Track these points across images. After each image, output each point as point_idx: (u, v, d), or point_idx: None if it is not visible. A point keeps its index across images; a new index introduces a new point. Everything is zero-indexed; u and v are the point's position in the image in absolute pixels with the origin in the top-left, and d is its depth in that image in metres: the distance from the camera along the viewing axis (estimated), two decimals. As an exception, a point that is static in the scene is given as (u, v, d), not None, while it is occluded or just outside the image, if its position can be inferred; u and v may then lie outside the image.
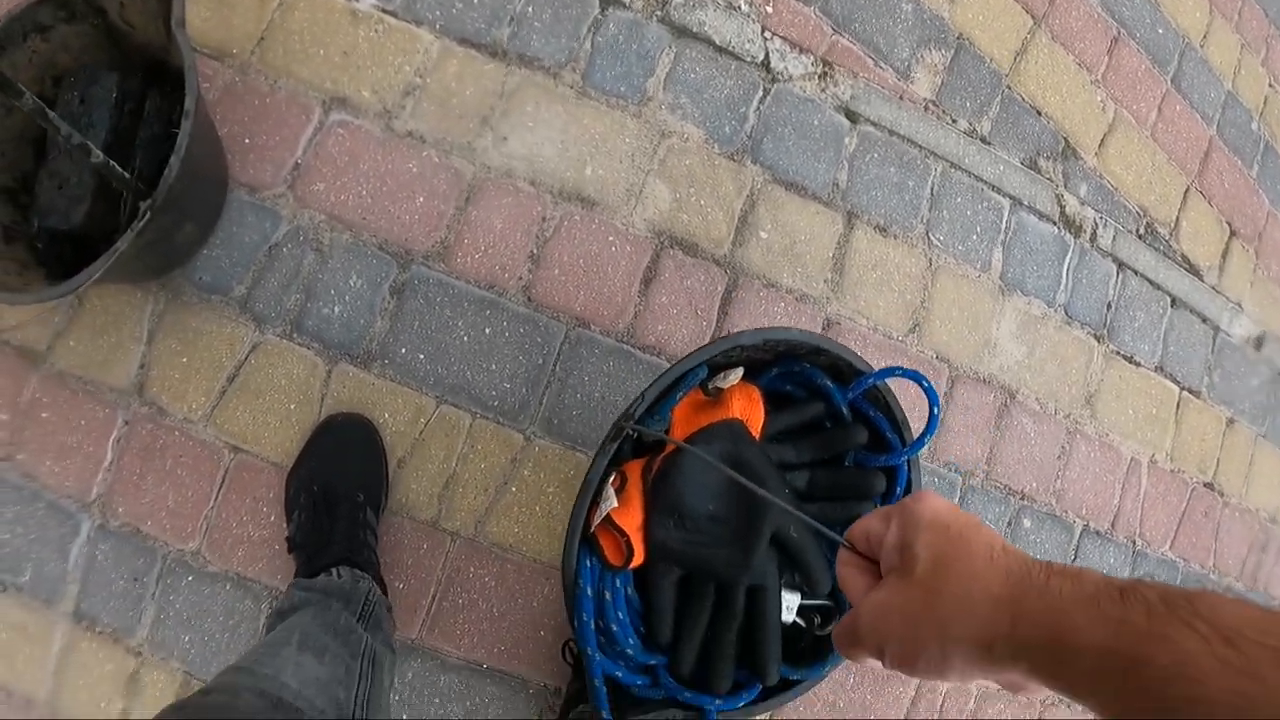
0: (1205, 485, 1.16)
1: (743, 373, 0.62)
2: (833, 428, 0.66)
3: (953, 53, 1.03)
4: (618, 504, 0.58)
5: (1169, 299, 1.13)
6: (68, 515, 0.83)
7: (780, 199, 0.94)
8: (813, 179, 0.95)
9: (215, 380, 0.84)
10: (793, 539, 0.61)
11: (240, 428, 0.84)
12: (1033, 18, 1.09)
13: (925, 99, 1.01)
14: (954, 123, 1.02)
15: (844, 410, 0.64)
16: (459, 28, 0.90)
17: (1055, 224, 1.05)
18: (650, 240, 0.90)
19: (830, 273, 0.95)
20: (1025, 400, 1.03)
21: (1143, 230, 1.12)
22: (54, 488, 0.83)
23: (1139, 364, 1.10)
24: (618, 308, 0.90)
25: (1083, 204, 1.07)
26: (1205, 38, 1.24)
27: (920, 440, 0.62)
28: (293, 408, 0.85)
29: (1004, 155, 1.03)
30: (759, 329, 0.61)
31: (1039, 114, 1.07)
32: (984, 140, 1.03)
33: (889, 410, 0.65)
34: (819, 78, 0.97)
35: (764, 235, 0.93)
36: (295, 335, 0.85)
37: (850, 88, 0.98)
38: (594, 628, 0.60)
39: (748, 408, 0.62)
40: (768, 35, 0.96)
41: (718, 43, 0.95)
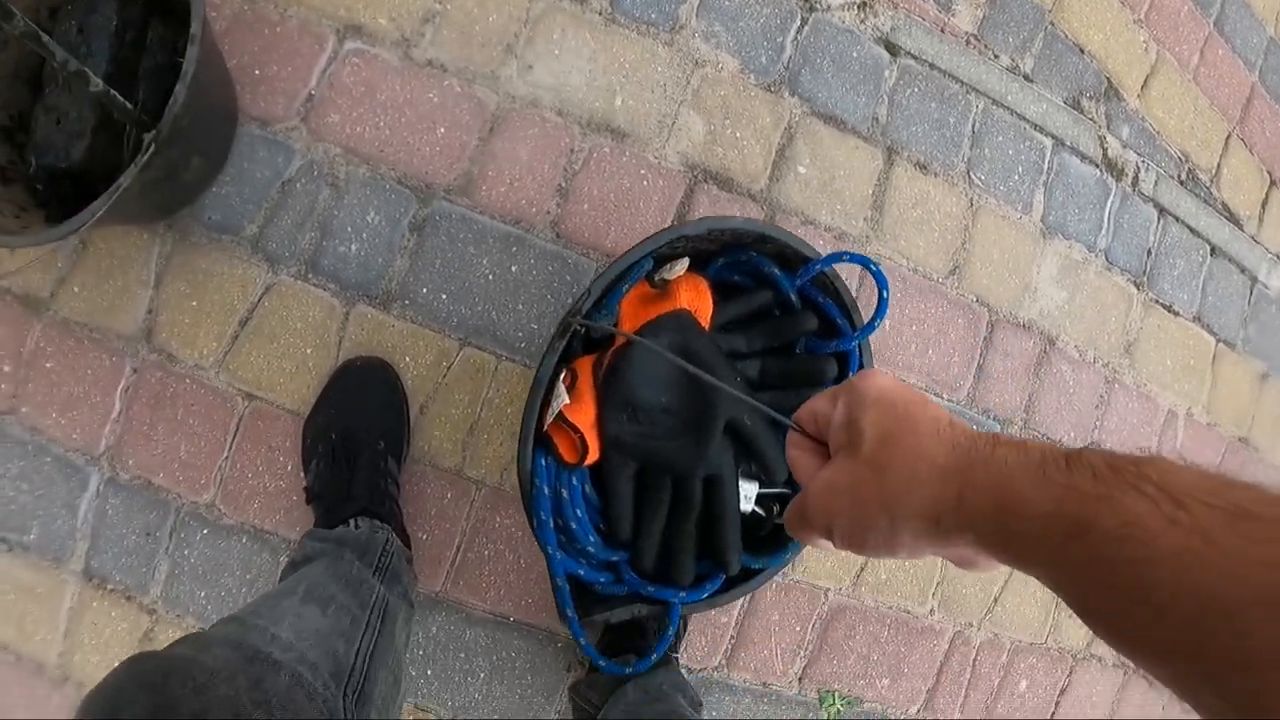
0: (1240, 440, 1.14)
1: (688, 263, 0.60)
2: (782, 315, 0.65)
3: (994, -15, 0.99)
4: (569, 401, 0.57)
5: (1208, 247, 1.10)
6: (75, 469, 0.80)
7: (819, 133, 0.90)
8: (852, 113, 0.91)
9: (227, 324, 0.80)
10: (747, 427, 0.60)
11: (254, 374, 0.81)
12: (1075, -48, 1.04)
13: (967, 33, 0.97)
14: (996, 58, 0.98)
15: (792, 297, 0.63)
16: (479, -50, 0.85)
17: (1097, 166, 1.01)
18: (683, 174, 0.86)
19: (870, 210, 0.92)
20: (1065, 347, 1.00)
21: (1184, 176, 1.08)
22: (60, 441, 0.80)
23: (1177, 313, 1.07)
24: (649, 246, 0.86)
25: (1125, 147, 1.04)
26: (1248, -21, 1.19)
27: (870, 324, 0.61)
28: (309, 352, 0.81)
29: (1046, 94, 0.99)
30: (703, 218, 0.60)
31: (1082, 52, 1.03)
32: (1026, 77, 0.99)
33: (838, 296, 0.63)
34: (858, 8, 0.92)
35: (802, 170, 0.90)
36: (310, 276, 0.81)
37: (890, 19, 0.93)
38: (553, 527, 0.60)
39: (695, 298, 0.61)
40: (803, -37, 0.91)
41: (751, -31, 0.90)
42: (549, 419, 0.58)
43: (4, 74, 0.71)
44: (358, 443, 0.78)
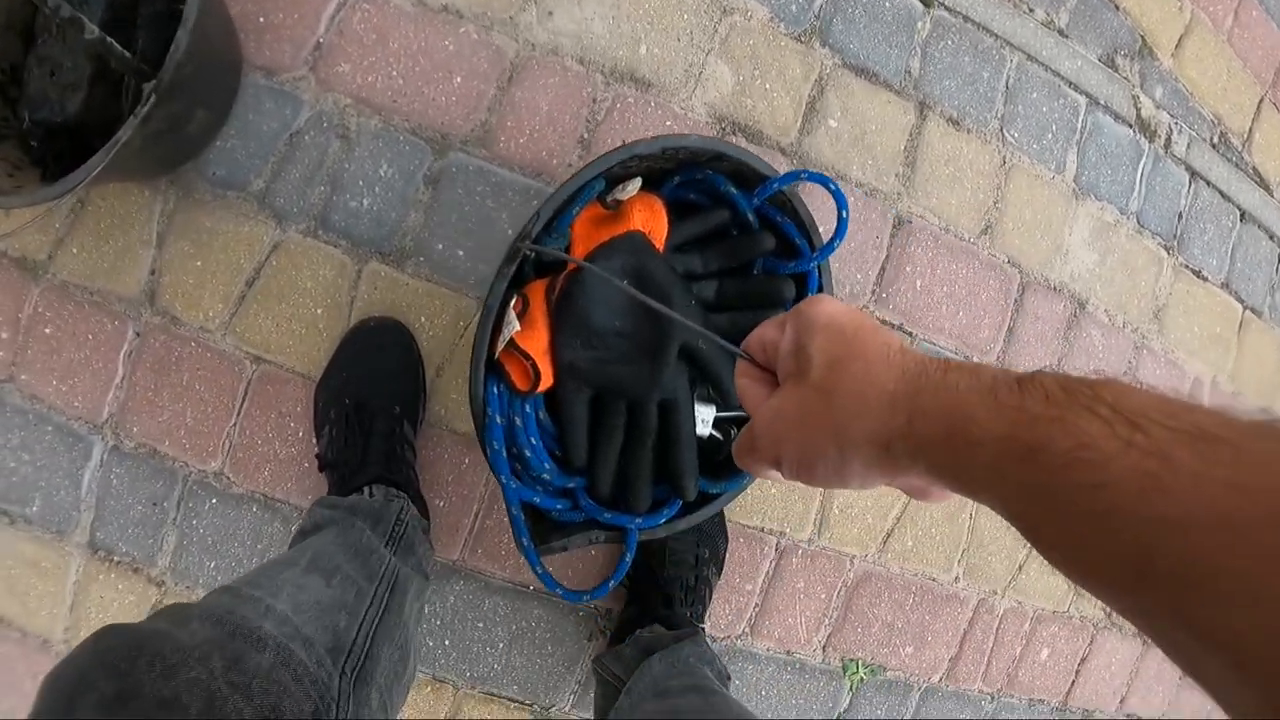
0: (1262, 411, 1.12)
1: (641, 183, 0.58)
2: (739, 235, 0.63)
3: (1028, -64, 0.95)
4: (520, 327, 0.56)
5: (1239, 213, 1.08)
6: (78, 438, 0.77)
7: (850, 85, 0.87)
8: (884, 65, 0.88)
9: (233, 285, 0.77)
10: (702, 351, 0.59)
11: (262, 336, 0.78)
12: (1111, -97, 1.00)
13: (1001, -16, 0.93)
14: (1031, 12, 0.94)
15: (750, 217, 0.61)
16: (495, -112, 0.80)
17: (1131, 127, 0.99)
18: (711, 125, 0.83)
19: (902, 166, 0.89)
20: (1094, 311, 0.98)
21: (1216, 139, 1.06)
22: (62, 409, 0.77)
23: (1206, 279, 1.05)
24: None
25: (1158, 107, 1.01)
26: (1283, -63, 1.16)
27: (829, 245, 0.59)
28: (320, 313, 0.78)
29: (1081, 50, 0.96)
30: (656, 137, 0.57)
31: (1116, 8, 0.99)
32: (1061, 32, 0.96)
33: (796, 216, 0.61)
34: (890, -45, 0.88)
35: (833, 124, 0.86)
36: (320, 232, 0.78)
37: (923, -32, 0.90)
38: (507, 455, 0.58)
39: (649, 219, 0.59)
40: (833, -92, 0.87)
41: (779, -86, 0.86)
42: (500, 346, 0.57)
43: (-7, 24, 0.68)
44: (372, 408, 0.75)
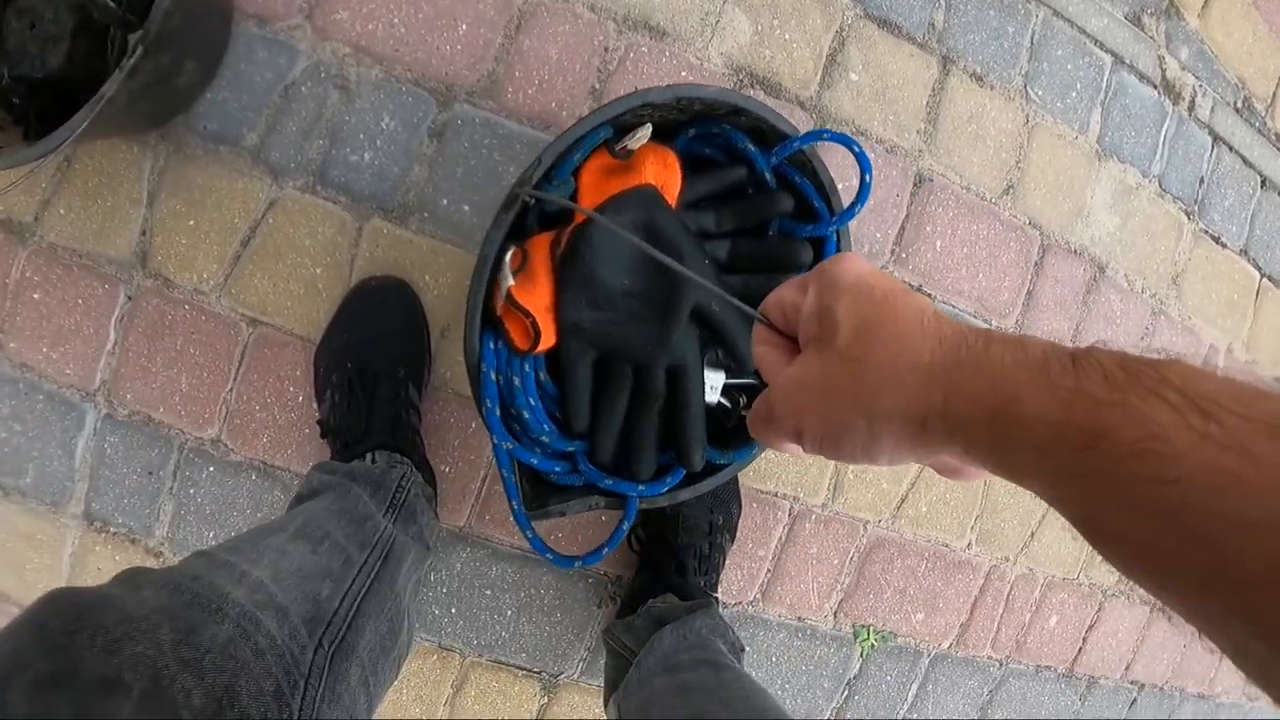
0: (1276, 380, 1.12)
1: (651, 131, 0.55)
2: (755, 194, 0.60)
3: (1054, -116, 0.91)
4: (514, 282, 0.53)
5: (1259, 179, 1.06)
6: (70, 406, 0.75)
7: (872, 38, 0.83)
8: (907, 17, 0.84)
9: (228, 244, 0.74)
10: (715, 313, 0.56)
11: (259, 298, 0.75)
12: None
13: (1026, -67, 0.89)
14: (1057, -37, 0.91)
15: (767, 176, 0.58)
16: None
17: (1156, 88, 0.96)
18: (728, 76, 0.80)
19: (923, 123, 0.86)
20: (1114, 275, 0.96)
21: (1240, 104, 1.03)
22: (53, 377, 0.74)
23: (1225, 245, 1.04)
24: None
25: (1183, 69, 0.98)
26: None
27: (851, 209, 0.57)
28: (319, 272, 0.75)
29: (1107, 6, 0.93)
30: (670, 85, 0.54)
31: (1143, -38, 0.96)
32: (1087, -15, 0.92)
33: (816, 177, 0.58)
34: (914, -101, 0.85)
35: (854, 77, 0.83)
36: (319, 188, 0.74)
37: (947, -86, 0.86)
38: (505, 416, 0.56)
39: (662, 173, 0.56)
40: None
41: None
42: (500, 301, 0.54)
43: (-34, -25, 0.64)
44: (376, 371, 0.72)
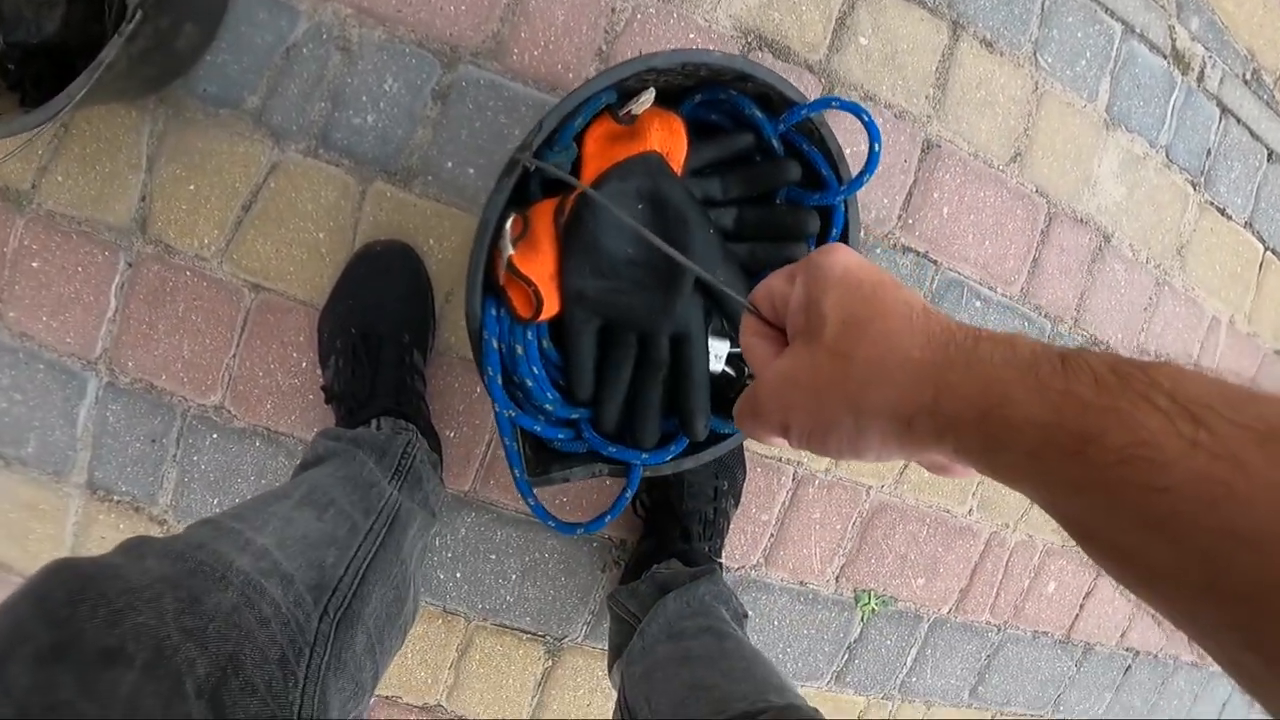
0: (1276, 353, 1.12)
1: (655, 96, 0.55)
2: (762, 162, 0.59)
3: None
4: (514, 250, 0.53)
5: (1266, 152, 1.06)
6: (71, 375, 0.74)
7: (883, 2, 0.82)
8: (917, -21, 0.83)
9: (229, 209, 0.73)
10: (719, 283, 0.56)
11: (261, 263, 0.74)
12: None
13: (1039, -105, 0.88)
14: (1069, -73, 0.90)
15: (775, 144, 0.58)
16: None
17: (1165, 57, 0.95)
18: (736, 39, 0.79)
19: (932, 89, 0.85)
20: (1119, 245, 0.96)
21: (1249, 76, 1.03)
22: (53, 346, 0.73)
23: (1230, 217, 1.04)
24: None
25: (1193, 39, 0.97)
26: None
27: (859, 179, 0.56)
28: (322, 236, 0.75)
29: (1118, -29, 0.92)
30: (675, 50, 0.53)
31: (1156, -73, 0.95)
32: (1099, -49, 0.91)
33: (824, 145, 0.58)
34: None
35: (864, 41, 0.82)
36: (321, 151, 0.73)
37: (959, -126, 0.84)
38: (505, 383, 0.56)
39: (668, 139, 0.56)
40: None
41: None
42: (502, 269, 0.54)
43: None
44: (380, 336, 0.72)
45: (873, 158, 0.55)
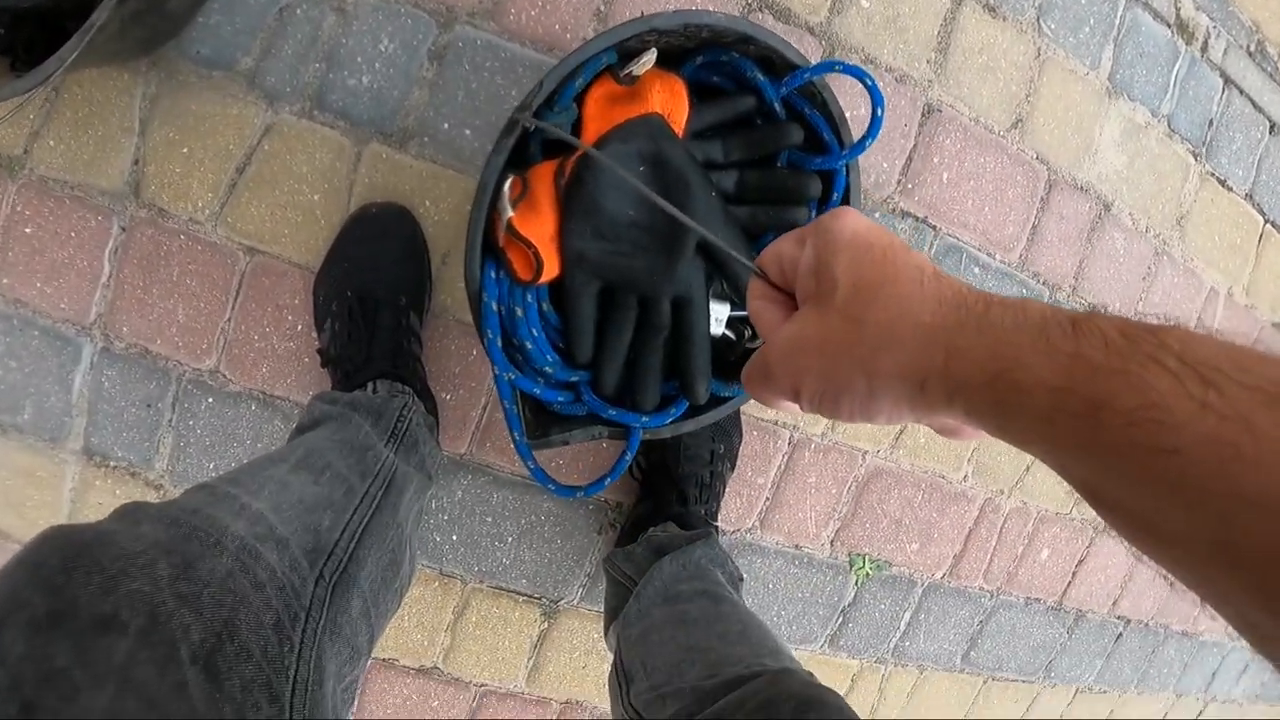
0: (1274, 326, 1.13)
1: (656, 56, 0.55)
2: (764, 125, 0.59)
3: None
4: (513, 212, 0.53)
5: (1268, 124, 1.05)
6: (66, 341, 0.74)
7: (884, -39, 0.81)
8: (920, -61, 0.82)
9: (223, 172, 0.72)
10: (721, 245, 0.57)
11: (256, 226, 0.73)
12: None
13: None
14: (1074, -112, 0.88)
15: (776, 107, 0.58)
16: None
17: (1169, 26, 0.94)
18: (736, 0, 0.78)
19: (934, 53, 0.84)
20: (1119, 214, 0.96)
21: (1253, 47, 1.02)
22: (47, 312, 0.73)
23: (1231, 189, 1.03)
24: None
25: (1197, 9, 0.96)
26: None
27: (861, 143, 0.56)
28: (317, 199, 0.74)
29: (1123, -63, 0.90)
30: (677, 11, 0.53)
31: (1163, -110, 0.93)
32: (1104, -87, 0.90)
33: (826, 109, 0.58)
34: None
35: (865, 4, 0.81)
36: (316, 112, 0.72)
37: None
38: (504, 345, 0.56)
39: (669, 101, 0.55)
40: None
41: None
42: (501, 230, 0.54)
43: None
44: (377, 299, 0.72)
45: (875, 122, 0.55)
